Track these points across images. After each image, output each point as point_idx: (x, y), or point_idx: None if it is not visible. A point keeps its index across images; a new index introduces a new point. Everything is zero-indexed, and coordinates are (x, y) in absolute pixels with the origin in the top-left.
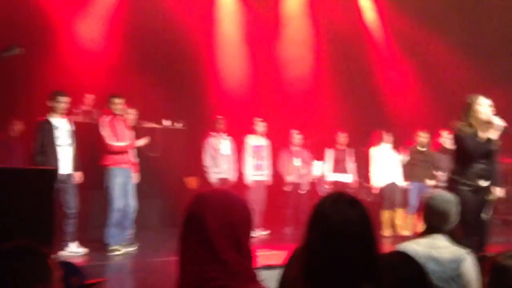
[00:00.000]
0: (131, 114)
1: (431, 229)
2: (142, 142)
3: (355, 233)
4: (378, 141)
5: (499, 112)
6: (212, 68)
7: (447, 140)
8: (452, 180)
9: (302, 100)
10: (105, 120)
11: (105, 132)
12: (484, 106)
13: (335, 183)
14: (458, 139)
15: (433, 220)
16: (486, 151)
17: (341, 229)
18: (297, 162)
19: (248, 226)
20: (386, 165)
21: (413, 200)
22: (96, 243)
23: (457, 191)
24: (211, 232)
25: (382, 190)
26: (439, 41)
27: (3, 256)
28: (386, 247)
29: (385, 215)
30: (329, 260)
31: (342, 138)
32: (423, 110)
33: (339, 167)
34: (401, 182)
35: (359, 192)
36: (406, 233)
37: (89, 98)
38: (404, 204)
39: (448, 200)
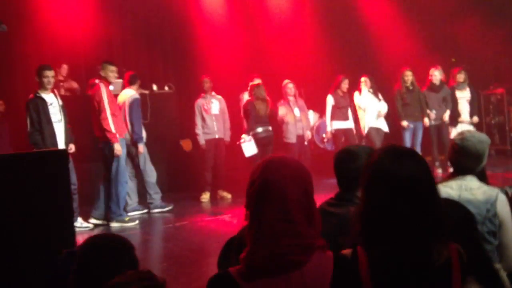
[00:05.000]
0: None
1: (462, 171)
2: None
3: (422, 187)
4: (360, 86)
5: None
6: (198, 27)
7: (436, 77)
8: None
9: (289, 49)
10: (104, 90)
11: (108, 110)
12: None
13: (337, 131)
14: None
15: (467, 161)
16: None
17: (409, 185)
18: (297, 112)
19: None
20: (370, 109)
21: (408, 141)
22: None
23: None
24: (292, 203)
25: (369, 134)
26: None
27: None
28: None
29: None
30: (396, 219)
31: (345, 84)
32: (411, 50)
33: (339, 113)
34: (385, 127)
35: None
36: None
37: (64, 68)
38: None
39: (484, 140)
